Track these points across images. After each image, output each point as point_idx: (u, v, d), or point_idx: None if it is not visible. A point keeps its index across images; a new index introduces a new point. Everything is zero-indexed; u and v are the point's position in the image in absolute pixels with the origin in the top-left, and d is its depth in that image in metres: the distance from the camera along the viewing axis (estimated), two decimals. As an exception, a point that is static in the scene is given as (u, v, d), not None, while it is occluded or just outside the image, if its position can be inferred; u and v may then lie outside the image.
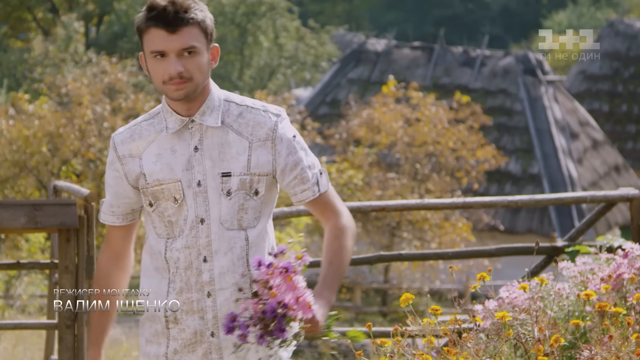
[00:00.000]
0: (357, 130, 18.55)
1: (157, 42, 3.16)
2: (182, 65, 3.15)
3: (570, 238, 6.60)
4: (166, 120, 3.28)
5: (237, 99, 3.33)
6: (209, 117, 3.25)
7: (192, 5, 3.17)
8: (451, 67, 24.52)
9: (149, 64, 3.22)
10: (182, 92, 3.17)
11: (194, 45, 3.16)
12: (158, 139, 3.29)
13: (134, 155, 3.30)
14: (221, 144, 3.26)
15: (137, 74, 21.75)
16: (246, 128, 3.26)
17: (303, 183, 3.32)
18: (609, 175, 23.82)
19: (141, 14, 3.22)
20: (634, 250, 4.62)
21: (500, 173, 21.88)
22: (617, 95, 28.27)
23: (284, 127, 3.30)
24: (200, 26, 3.18)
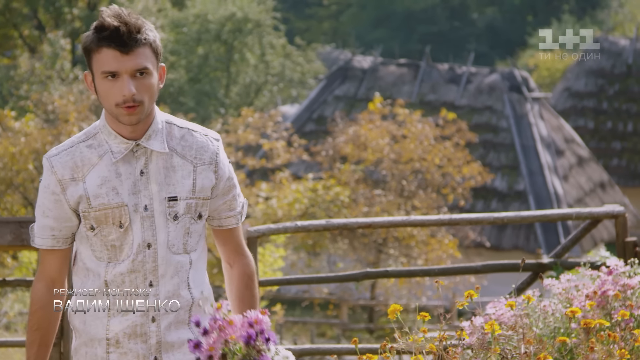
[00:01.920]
0: (344, 147, 18.58)
1: (109, 62, 3.11)
2: (134, 87, 3.12)
3: (556, 255, 6.63)
4: (108, 143, 3.22)
5: (177, 122, 3.31)
6: (154, 141, 3.22)
7: (144, 25, 3.15)
8: (437, 84, 24.60)
9: (99, 85, 3.16)
10: (134, 117, 3.14)
11: (146, 67, 3.14)
12: (101, 162, 3.22)
13: (76, 179, 3.21)
14: (166, 168, 3.23)
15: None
16: (190, 151, 3.26)
17: (230, 209, 3.36)
18: (594, 192, 23.90)
19: (90, 34, 3.16)
20: (618, 267, 4.65)
21: (486, 190, 21.93)
22: (602, 113, 28.38)
23: (223, 152, 3.32)
24: (151, 47, 3.16)
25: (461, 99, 23.99)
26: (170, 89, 29.90)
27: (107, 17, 3.11)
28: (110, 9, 3.15)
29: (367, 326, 18.42)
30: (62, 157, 3.23)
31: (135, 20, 3.13)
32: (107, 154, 3.21)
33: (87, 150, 3.22)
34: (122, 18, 3.12)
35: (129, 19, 3.12)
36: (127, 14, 3.14)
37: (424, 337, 3.77)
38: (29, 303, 3.38)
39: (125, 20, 3.11)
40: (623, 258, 5.72)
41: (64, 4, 29.28)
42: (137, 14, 3.17)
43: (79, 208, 3.22)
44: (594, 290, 4.47)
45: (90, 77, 3.20)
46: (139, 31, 3.12)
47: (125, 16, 3.13)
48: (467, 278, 17.23)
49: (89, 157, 3.22)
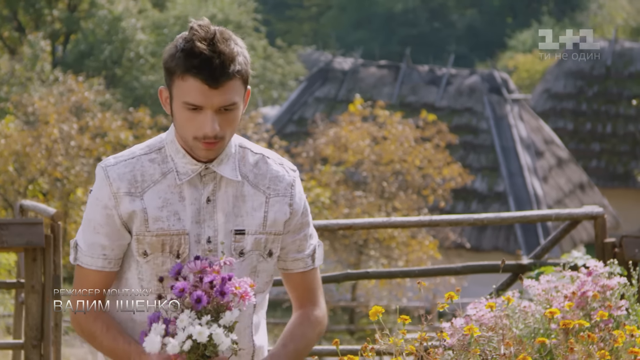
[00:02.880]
0: (324, 148, 18.60)
1: (194, 95, 2.74)
2: (218, 123, 2.76)
3: (536, 256, 6.66)
4: (174, 161, 2.85)
5: (251, 146, 2.94)
6: (225, 166, 2.86)
7: (237, 51, 2.78)
8: (417, 85, 24.64)
9: (178, 111, 2.79)
10: (212, 152, 2.80)
11: (235, 102, 2.78)
12: (164, 181, 2.85)
13: (133, 194, 2.83)
14: (235, 197, 2.87)
15: (104, 92, 21.70)
16: (263, 180, 2.90)
17: (298, 251, 2.98)
18: (573, 193, 23.99)
19: (177, 54, 2.77)
20: (598, 267, 4.68)
21: (467, 191, 21.99)
22: (582, 114, 28.49)
23: (300, 185, 2.96)
24: (242, 77, 2.80)
25: (441, 100, 24.04)
26: (151, 91, 29.82)
27: (199, 42, 2.73)
28: (202, 28, 2.76)
29: (348, 327, 18.44)
30: (119, 168, 2.85)
31: (229, 49, 2.75)
32: (172, 173, 2.85)
33: (149, 165, 2.86)
34: (216, 46, 2.74)
35: (223, 47, 2.74)
36: (220, 38, 2.75)
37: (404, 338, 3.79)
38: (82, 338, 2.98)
39: (219, 50, 2.73)
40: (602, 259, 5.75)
41: (44, 6, 29.18)
42: (229, 32, 2.79)
43: (132, 228, 2.85)
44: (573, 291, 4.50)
45: (166, 95, 2.84)
46: (233, 61, 2.75)
47: (219, 43, 2.74)
48: (448, 279, 17.27)
49: (150, 173, 2.85)
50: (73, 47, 29.82)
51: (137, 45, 29.45)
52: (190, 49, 2.74)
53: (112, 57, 29.16)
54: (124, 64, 29.46)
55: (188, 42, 2.75)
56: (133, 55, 29.39)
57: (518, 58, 40.04)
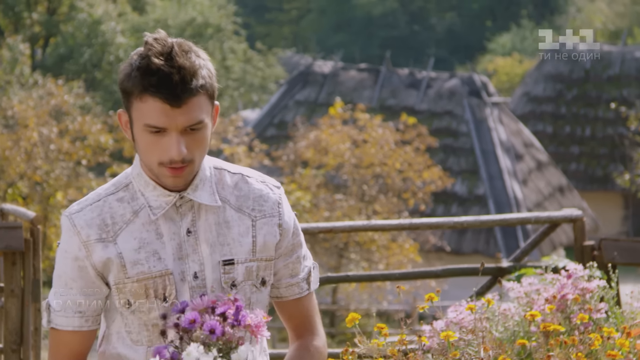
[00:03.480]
0: (305, 151, 18.60)
1: (155, 116, 2.46)
2: (184, 145, 2.47)
3: (515, 259, 6.68)
4: (145, 196, 2.57)
5: (228, 167, 2.67)
6: (202, 192, 2.57)
7: (199, 64, 2.49)
8: (397, 88, 24.68)
9: (139, 136, 2.51)
10: (180, 180, 2.52)
11: (201, 120, 2.49)
12: (137, 219, 2.57)
13: (105, 240, 2.55)
14: (218, 224, 2.59)
15: (84, 95, 21.65)
16: (246, 202, 2.62)
17: (292, 276, 2.70)
18: (553, 196, 24.07)
19: (132, 73, 2.49)
20: (577, 270, 4.70)
21: (447, 194, 22.03)
22: (561, 117, 28.61)
23: (287, 202, 2.69)
24: (208, 92, 2.51)
25: (421, 103, 24.09)
26: (130, 94, 29.81)
27: (155, 58, 2.45)
28: (158, 41, 2.48)
29: (329, 331, 18.45)
30: (86, 213, 2.56)
31: (190, 63, 2.46)
32: (144, 210, 2.56)
33: (117, 205, 2.57)
34: (175, 60, 2.45)
35: (183, 61, 2.45)
36: (179, 51, 2.47)
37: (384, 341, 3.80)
38: None
39: (178, 64, 2.45)
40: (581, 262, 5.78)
41: (23, 9, 29.08)
42: (189, 43, 2.52)
43: (109, 277, 2.56)
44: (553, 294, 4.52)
45: (126, 118, 2.56)
46: (194, 75, 2.46)
47: (177, 57, 2.46)
48: (428, 282, 17.30)
49: (120, 213, 2.56)
50: (52, 50, 29.74)
51: (117, 48, 29.38)
52: (146, 66, 2.45)
53: (91, 60, 29.10)
54: (104, 68, 29.40)
55: (144, 59, 2.46)
56: (113, 59, 29.32)
57: (497, 61, 40.17)
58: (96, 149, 17.51)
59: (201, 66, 2.49)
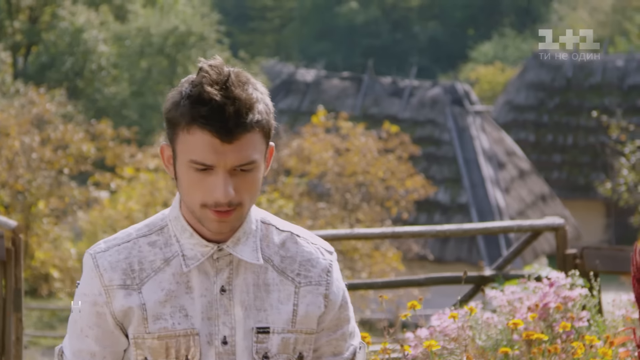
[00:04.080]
0: (287, 160, 18.60)
1: (203, 151, 2.19)
2: (232, 187, 2.20)
3: (498, 267, 6.69)
4: (180, 242, 2.30)
5: (277, 222, 2.39)
6: (244, 246, 2.30)
7: (256, 97, 2.21)
8: (380, 97, 24.71)
9: (183, 172, 2.23)
10: (225, 225, 2.24)
11: (254, 160, 2.22)
12: (167, 269, 2.29)
13: (129, 287, 2.28)
14: (257, 286, 2.31)
15: (66, 104, 21.59)
16: (291, 265, 2.33)
17: (334, 354, 2.41)
18: (535, 204, 24.13)
19: (182, 102, 2.21)
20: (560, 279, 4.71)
21: (429, 203, 22.06)
22: (543, 126, 28.70)
23: (338, 271, 2.40)
24: (263, 130, 2.23)
25: (404, 112, 24.12)
26: (113, 102, 29.70)
27: (208, 86, 2.17)
28: (214, 69, 2.20)
29: (312, 339, 18.42)
30: (112, 255, 2.30)
31: (247, 94, 2.19)
32: (177, 258, 2.29)
33: (148, 249, 2.31)
34: (230, 91, 2.18)
35: (239, 92, 2.18)
36: (236, 81, 2.19)
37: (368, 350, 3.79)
38: None
39: (234, 95, 2.17)
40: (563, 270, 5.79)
41: (5, 17, 29.01)
42: (247, 74, 2.24)
43: (128, 329, 2.30)
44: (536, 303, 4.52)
45: (169, 153, 2.28)
46: (251, 109, 2.19)
47: (234, 87, 2.18)
48: (411, 291, 17.30)
49: (150, 259, 2.30)
50: (34, 58, 29.66)
51: (99, 57, 29.33)
52: (198, 94, 2.18)
53: (73, 69, 29.03)
54: (86, 76, 29.34)
55: (196, 87, 2.19)
56: (95, 67, 29.26)
57: (480, 70, 40.29)
58: (78, 157, 17.46)
59: (258, 100, 2.21)
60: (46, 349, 14.87)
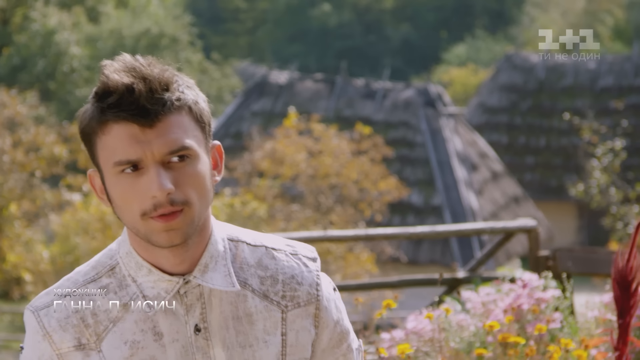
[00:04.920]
0: (261, 162, 18.57)
1: (124, 146, 1.86)
2: (171, 181, 1.85)
3: (471, 269, 6.70)
4: (137, 281, 1.93)
5: (246, 236, 2.03)
6: (213, 273, 1.94)
7: (175, 79, 1.91)
8: (353, 99, 24.73)
9: (113, 187, 1.89)
10: (176, 233, 1.87)
11: (186, 145, 1.87)
12: (128, 316, 1.93)
13: (86, 347, 1.91)
14: (237, 318, 1.95)
15: (38, 106, 21.47)
16: (274, 286, 1.98)
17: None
18: (508, 206, 24.21)
19: (89, 107, 1.93)
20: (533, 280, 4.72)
21: (403, 205, 22.08)
22: (516, 128, 28.80)
23: (326, 280, 2.06)
24: (192, 113, 1.90)
25: (377, 114, 24.14)
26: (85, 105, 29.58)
27: (113, 73, 1.87)
28: (118, 60, 1.90)
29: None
30: (59, 310, 1.92)
31: (160, 71, 1.88)
32: (137, 301, 1.93)
33: (100, 297, 1.93)
34: (138, 70, 1.87)
35: (148, 70, 1.88)
36: (145, 63, 1.89)
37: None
38: None
39: (142, 74, 1.87)
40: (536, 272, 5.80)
41: (-24, 19, 28.85)
42: (163, 63, 1.93)
43: None
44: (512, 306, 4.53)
45: (98, 179, 1.94)
46: (167, 88, 1.88)
47: (142, 67, 1.88)
48: (384, 293, 17.32)
49: (105, 308, 1.92)
50: (6, 60, 29.49)
51: (71, 58, 29.19)
52: (102, 87, 1.88)
53: (45, 71, 28.89)
54: (58, 78, 29.20)
55: (99, 81, 1.90)
56: (67, 69, 29.13)
57: (453, 72, 40.39)
58: (50, 160, 17.37)
59: (180, 82, 1.91)
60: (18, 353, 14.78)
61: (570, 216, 28.59)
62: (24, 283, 17.29)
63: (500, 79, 29.27)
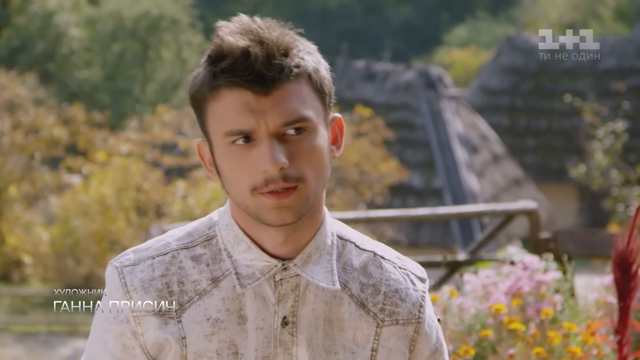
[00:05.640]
0: (261, 144, 18.54)
1: (236, 115, 1.71)
2: (285, 155, 1.71)
3: (472, 251, 6.67)
4: (232, 257, 1.79)
5: (356, 238, 1.87)
6: (315, 266, 1.78)
7: (295, 44, 1.81)
8: (354, 81, 24.67)
9: (222, 159, 1.75)
10: (288, 211, 1.72)
11: (304, 116, 1.74)
12: (216, 291, 1.79)
13: (165, 314, 1.78)
14: (328, 320, 1.79)
15: (37, 88, 21.42)
16: (374, 296, 1.81)
17: None
18: (509, 188, 24.18)
19: (200, 72, 1.78)
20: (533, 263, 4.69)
21: (403, 187, 22.06)
22: (517, 110, 28.75)
23: (430, 305, 1.89)
24: (312, 81, 1.79)
25: (378, 96, 24.09)
26: (85, 87, 29.51)
27: (228, 35, 1.74)
28: (235, 21, 1.78)
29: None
30: (145, 270, 1.80)
31: (279, 35, 1.77)
32: (228, 278, 1.79)
33: (191, 266, 1.80)
34: (255, 33, 1.74)
35: (266, 33, 1.75)
36: (263, 25, 1.77)
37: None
38: None
39: (260, 37, 1.74)
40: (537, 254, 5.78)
41: (-25, 0, 28.77)
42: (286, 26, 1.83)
43: None
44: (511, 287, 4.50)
45: (207, 150, 1.81)
46: (286, 53, 1.76)
47: (260, 30, 1.76)
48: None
49: (194, 279, 1.79)
50: (5, 42, 29.43)
51: (71, 40, 29.13)
52: (216, 50, 1.74)
53: (45, 52, 28.84)
54: (57, 60, 29.14)
55: (214, 43, 1.76)
56: (66, 51, 29.07)
57: (454, 53, 40.30)
58: (50, 142, 17.34)
59: (300, 47, 1.80)
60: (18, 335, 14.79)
61: (571, 198, 28.57)
62: (23, 265, 17.28)
63: (502, 60, 29.20)
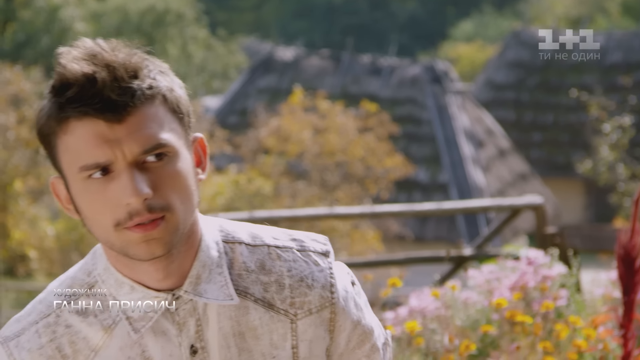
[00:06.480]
0: (266, 139, 18.52)
1: (90, 147, 1.57)
2: (147, 183, 1.56)
3: (478, 246, 6.65)
4: (118, 301, 1.65)
5: (244, 235, 1.72)
6: (207, 284, 1.65)
7: (145, 64, 1.62)
8: (359, 75, 24.65)
9: (79, 195, 1.60)
10: (156, 243, 1.58)
11: (163, 141, 1.58)
12: (111, 342, 1.64)
13: None
14: (239, 335, 1.67)
15: (42, 82, 21.42)
16: (280, 292, 1.69)
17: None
18: (515, 183, 24.15)
19: (45, 104, 1.65)
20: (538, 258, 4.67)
21: (409, 182, 22.04)
22: (523, 104, 28.70)
23: (341, 277, 1.75)
24: (167, 102, 1.62)
25: (384, 90, 24.06)
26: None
27: (70, 62, 1.60)
28: (77, 46, 1.62)
29: (291, 319, 18.39)
30: (31, 340, 1.64)
31: (125, 56, 1.60)
32: (120, 325, 1.64)
33: (78, 321, 1.64)
34: (100, 57, 1.59)
35: (112, 56, 1.59)
36: (108, 48, 1.61)
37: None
38: None
39: (105, 61, 1.58)
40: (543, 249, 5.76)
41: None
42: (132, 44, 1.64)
43: None
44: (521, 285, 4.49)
45: (62, 187, 1.64)
46: (136, 75, 1.59)
47: (104, 52, 1.60)
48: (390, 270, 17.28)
49: (84, 335, 1.64)
50: (10, 37, 29.44)
51: (76, 35, 29.11)
52: (60, 79, 1.61)
53: (50, 47, 28.84)
54: (63, 54, 29.14)
55: (57, 72, 1.62)
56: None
57: (460, 48, 40.23)
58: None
59: (148, 66, 1.61)
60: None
61: (578, 193, 28.53)
62: (28, 260, 17.29)
63: (508, 55, 29.14)
